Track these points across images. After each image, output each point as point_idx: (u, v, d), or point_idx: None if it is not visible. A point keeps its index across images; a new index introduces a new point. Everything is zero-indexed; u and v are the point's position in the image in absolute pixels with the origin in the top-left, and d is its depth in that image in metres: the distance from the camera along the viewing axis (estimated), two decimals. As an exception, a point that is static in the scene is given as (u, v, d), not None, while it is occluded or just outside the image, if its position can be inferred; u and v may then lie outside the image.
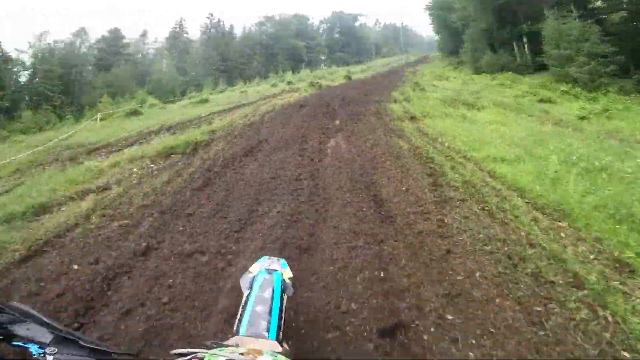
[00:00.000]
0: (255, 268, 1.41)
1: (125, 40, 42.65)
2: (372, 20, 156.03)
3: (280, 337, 1.13)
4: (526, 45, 26.48)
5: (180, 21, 47.63)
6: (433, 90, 13.64)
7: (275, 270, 1.38)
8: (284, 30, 57.28)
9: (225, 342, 0.89)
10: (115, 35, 40.64)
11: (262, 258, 1.52)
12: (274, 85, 28.02)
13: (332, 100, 12.15)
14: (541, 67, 24.18)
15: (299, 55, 52.90)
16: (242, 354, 0.73)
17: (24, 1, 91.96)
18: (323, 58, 64.37)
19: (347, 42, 73.45)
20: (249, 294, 1.25)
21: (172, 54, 43.01)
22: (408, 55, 72.68)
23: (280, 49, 53.32)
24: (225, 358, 0.69)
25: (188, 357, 0.68)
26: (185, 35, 47.10)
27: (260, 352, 0.77)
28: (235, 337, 1.05)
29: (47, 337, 0.62)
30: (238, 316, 1.18)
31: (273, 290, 1.25)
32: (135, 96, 24.14)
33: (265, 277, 1.32)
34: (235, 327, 1.15)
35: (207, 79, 38.17)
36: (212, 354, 0.69)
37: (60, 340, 0.62)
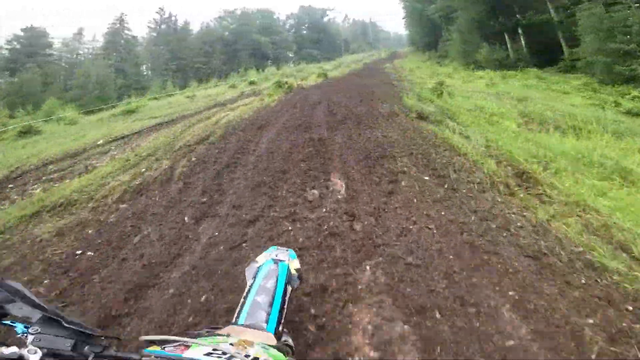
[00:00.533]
0: (262, 258, 1.35)
1: (50, 39, 35.29)
2: (341, 16, 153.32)
3: (281, 328, 1.07)
4: (522, 39, 23.46)
5: (121, 16, 40.65)
6: (467, 95, 9.66)
7: (282, 260, 1.32)
8: (247, 25, 51.83)
9: (218, 332, 0.82)
10: (31, 34, 33.23)
11: (270, 248, 1.45)
12: (232, 87, 23.03)
13: (311, 113, 7.73)
14: (546, 63, 21.12)
15: (264, 52, 47.71)
16: (232, 344, 0.69)
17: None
18: (291, 55, 59.49)
19: (316, 38, 69.02)
20: (252, 284, 1.20)
21: (109, 54, 36.17)
22: (379, 51, 69.68)
23: (243, 46, 47.92)
24: (212, 347, 0.64)
25: (177, 344, 0.65)
26: (127, 32, 40.28)
27: (251, 344, 0.72)
28: (230, 326, 1.00)
29: (35, 316, 0.60)
30: (239, 305, 1.12)
31: (277, 281, 1.19)
32: (42, 107, 18.16)
33: (270, 267, 1.26)
34: (235, 316, 1.09)
35: (156, 81, 32.21)
36: (198, 343, 0.65)
37: (46, 319, 0.60)
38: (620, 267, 2.13)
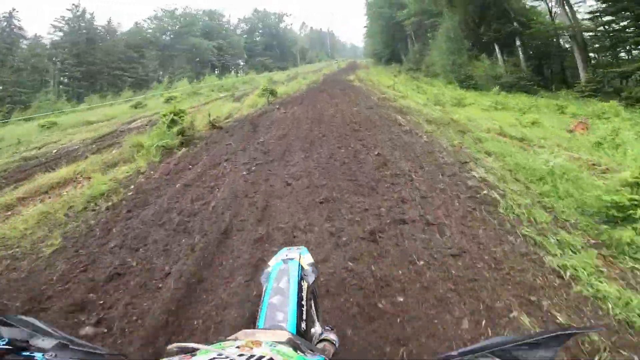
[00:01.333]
0: (273, 261, 1.31)
1: None
2: (298, 23, 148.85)
3: (304, 325, 1.04)
4: (520, 52, 19.11)
5: (11, 11, 30.83)
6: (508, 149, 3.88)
7: (292, 258, 1.27)
8: (188, 27, 44.00)
9: (228, 338, 0.77)
10: None
11: (281, 250, 1.39)
12: (137, 106, 15.81)
13: None
14: (553, 84, 16.66)
15: (206, 59, 40.24)
16: (238, 347, 0.67)
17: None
18: (241, 63, 52.48)
19: (269, 44, 62.71)
20: (266, 288, 1.16)
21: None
22: (337, 62, 65.15)
23: (182, 51, 40.06)
24: (217, 353, 0.62)
25: (187, 352, 0.66)
26: (18, 31, 30.46)
27: (259, 344, 0.69)
28: (241, 331, 0.92)
29: (49, 344, 0.65)
30: (258, 311, 1.08)
31: (288, 280, 1.16)
32: None
33: (280, 267, 1.23)
34: (256, 322, 1.06)
35: (45, 91, 23.58)
36: (206, 350, 0.64)
37: (59, 346, 0.65)
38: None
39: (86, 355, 0.66)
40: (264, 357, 0.61)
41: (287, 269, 1.20)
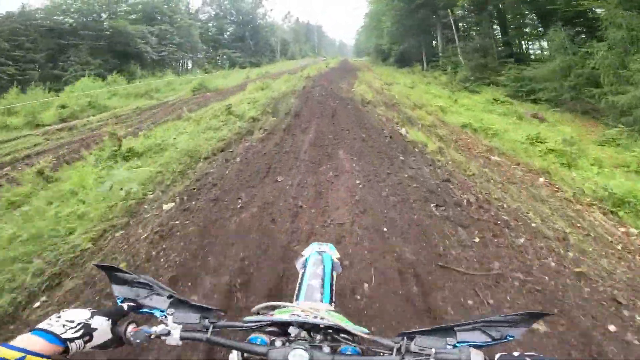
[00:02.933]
0: (307, 252, 1.51)
1: None
2: (281, 12, 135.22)
3: (333, 306, 1.16)
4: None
5: None
6: None
7: (325, 252, 1.48)
8: (108, 6, 30.23)
9: (288, 305, 0.85)
10: None
11: (312, 244, 1.59)
12: None
13: None
14: None
15: (132, 49, 27.24)
16: (302, 310, 0.79)
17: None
18: (198, 56, 39.69)
19: (241, 35, 50.08)
20: (304, 272, 1.35)
21: None
22: (326, 59, 53.06)
23: (92, 38, 26.36)
24: (290, 313, 0.78)
25: (267, 312, 0.82)
26: None
27: (318, 310, 0.78)
28: (296, 302, 1.14)
29: (164, 303, 0.74)
30: (296, 291, 1.25)
31: (324, 268, 1.34)
32: None
33: (316, 257, 1.42)
34: (294, 299, 1.19)
35: None
36: (285, 309, 0.83)
37: (174, 302, 0.74)
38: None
39: (197, 310, 0.73)
40: (329, 319, 0.71)
41: (321, 260, 1.40)
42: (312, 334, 0.73)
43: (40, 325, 0.59)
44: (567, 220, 3.44)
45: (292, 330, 0.74)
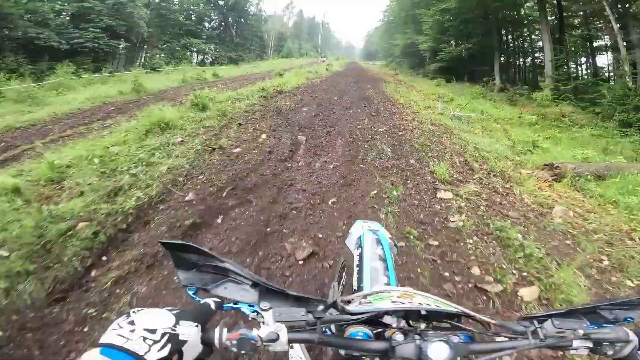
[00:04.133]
0: (357, 229, 1.35)
1: None
2: (282, 2, 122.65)
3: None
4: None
5: None
6: None
7: (377, 230, 1.34)
8: None
9: (386, 290, 0.77)
10: None
11: (357, 222, 1.43)
12: None
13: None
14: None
15: (24, 36, 16.17)
16: (398, 297, 0.69)
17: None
18: (159, 54, 28.43)
19: (224, 22, 39.03)
20: (361, 253, 1.19)
21: None
22: (329, 62, 41.58)
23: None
24: (390, 299, 0.66)
25: (359, 300, 0.67)
26: None
27: (411, 295, 0.68)
28: (383, 286, 1.02)
29: (251, 294, 0.57)
30: (355, 275, 1.09)
31: (383, 248, 1.21)
32: None
33: (371, 236, 1.28)
34: (355, 284, 1.05)
35: None
36: (375, 298, 0.68)
37: (264, 293, 0.57)
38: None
39: (295, 302, 0.58)
40: (429, 304, 0.61)
41: (378, 239, 1.24)
42: (410, 323, 0.60)
43: (108, 339, 0.41)
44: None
45: (390, 320, 0.60)
